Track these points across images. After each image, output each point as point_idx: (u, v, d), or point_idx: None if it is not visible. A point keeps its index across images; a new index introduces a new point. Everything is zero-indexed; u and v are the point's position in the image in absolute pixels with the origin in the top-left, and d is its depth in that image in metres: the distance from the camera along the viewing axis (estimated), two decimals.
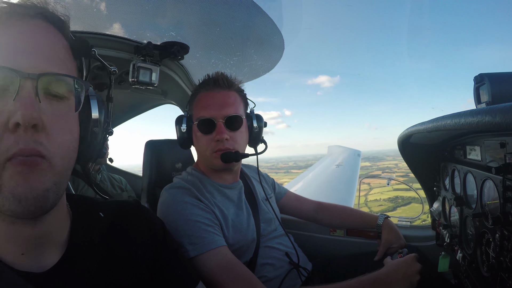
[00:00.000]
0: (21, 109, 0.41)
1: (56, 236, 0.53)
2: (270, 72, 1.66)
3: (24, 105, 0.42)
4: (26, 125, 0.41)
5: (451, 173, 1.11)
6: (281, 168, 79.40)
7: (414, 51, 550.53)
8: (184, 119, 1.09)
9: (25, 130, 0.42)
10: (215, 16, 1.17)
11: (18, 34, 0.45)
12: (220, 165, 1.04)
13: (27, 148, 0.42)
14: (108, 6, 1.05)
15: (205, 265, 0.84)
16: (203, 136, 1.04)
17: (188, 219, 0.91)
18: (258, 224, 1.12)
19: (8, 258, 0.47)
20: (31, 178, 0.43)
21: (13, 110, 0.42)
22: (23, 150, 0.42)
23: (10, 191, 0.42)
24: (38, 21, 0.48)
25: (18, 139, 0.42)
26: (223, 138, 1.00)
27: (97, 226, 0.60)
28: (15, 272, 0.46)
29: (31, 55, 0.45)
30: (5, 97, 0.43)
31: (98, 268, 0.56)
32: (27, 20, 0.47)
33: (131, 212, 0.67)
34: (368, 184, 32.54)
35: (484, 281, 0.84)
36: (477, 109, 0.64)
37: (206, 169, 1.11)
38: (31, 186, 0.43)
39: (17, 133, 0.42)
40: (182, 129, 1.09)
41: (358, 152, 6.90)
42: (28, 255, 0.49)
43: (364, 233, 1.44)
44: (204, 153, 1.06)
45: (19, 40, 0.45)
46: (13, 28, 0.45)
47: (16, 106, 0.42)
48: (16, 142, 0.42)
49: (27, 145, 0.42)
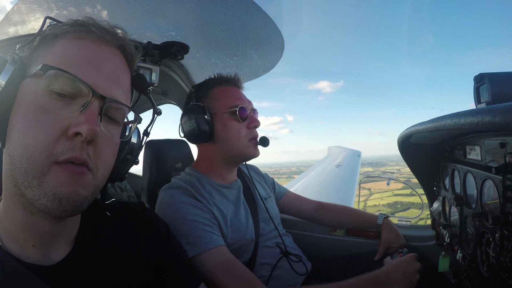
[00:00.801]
0: (87, 124, 0.45)
1: (68, 233, 0.55)
2: (270, 77, 1.66)
3: (90, 121, 0.46)
4: (88, 138, 0.46)
5: (451, 173, 1.11)
6: (284, 174, 79.45)
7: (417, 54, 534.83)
8: (205, 110, 1.05)
9: (82, 142, 0.46)
10: (215, 16, 1.17)
11: (102, 55, 0.51)
12: (255, 152, 1.09)
13: (80, 157, 0.46)
14: (108, 6, 1.05)
15: (204, 265, 0.84)
16: (238, 124, 1.06)
17: (186, 219, 0.91)
18: (257, 224, 1.12)
19: (16, 250, 0.49)
20: (77, 184, 0.46)
21: (77, 121, 0.46)
22: (76, 158, 0.46)
23: (53, 190, 0.45)
24: (117, 51, 0.54)
25: (74, 147, 0.46)
26: (259, 124, 1.09)
27: (104, 225, 0.62)
28: (22, 264, 0.48)
29: (105, 79, 0.50)
30: (71, 106, 0.47)
31: (104, 265, 0.57)
32: (110, 47, 0.53)
33: (136, 214, 0.69)
34: (369, 189, 32.51)
35: (484, 281, 0.84)
36: (477, 109, 0.64)
37: (207, 168, 1.11)
38: (75, 190, 0.46)
39: (73, 141, 0.46)
40: (202, 120, 1.04)
41: (358, 153, 6.91)
42: (38, 248, 0.50)
43: (364, 233, 1.44)
44: (238, 141, 1.06)
45: (101, 61, 0.51)
46: (99, 48, 0.51)
47: (81, 118, 0.46)
48: (71, 149, 0.45)
49: (81, 154, 0.46)
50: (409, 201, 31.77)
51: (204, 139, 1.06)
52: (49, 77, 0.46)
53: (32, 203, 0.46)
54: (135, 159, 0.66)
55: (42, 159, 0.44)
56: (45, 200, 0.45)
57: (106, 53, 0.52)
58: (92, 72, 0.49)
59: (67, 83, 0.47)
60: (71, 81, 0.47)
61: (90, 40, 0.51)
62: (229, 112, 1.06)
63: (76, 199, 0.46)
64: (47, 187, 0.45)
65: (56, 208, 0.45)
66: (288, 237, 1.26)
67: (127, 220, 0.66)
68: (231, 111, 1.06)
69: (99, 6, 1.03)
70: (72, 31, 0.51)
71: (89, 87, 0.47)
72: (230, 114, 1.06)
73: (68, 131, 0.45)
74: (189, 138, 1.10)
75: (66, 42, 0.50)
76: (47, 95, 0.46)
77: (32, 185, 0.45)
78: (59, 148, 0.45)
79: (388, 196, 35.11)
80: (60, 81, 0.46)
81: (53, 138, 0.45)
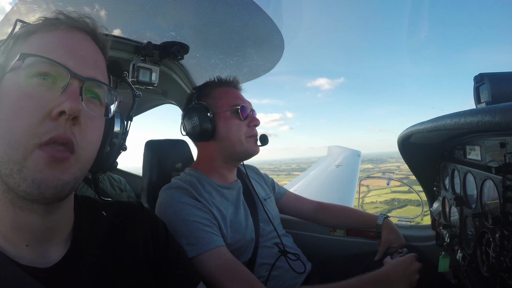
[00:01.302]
0: (69, 101, 0.47)
1: (61, 231, 0.55)
2: (269, 75, 1.67)
3: (71, 98, 0.47)
4: (71, 114, 0.46)
5: (451, 173, 1.11)
6: (284, 170, 79.43)
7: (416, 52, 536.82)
8: (208, 108, 1.08)
9: (66, 120, 0.47)
10: (215, 16, 1.17)
11: (75, 41, 0.53)
12: (255, 149, 1.12)
13: (64, 134, 0.47)
14: (108, 6, 1.05)
15: (204, 265, 0.84)
16: (239, 122, 1.09)
17: (186, 220, 0.91)
18: (257, 224, 1.12)
19: (12, 251, 0.49)
20: (57, 168, 0.46)
21: (59, 101, 0.47)
22: (60, 136, 0.46)
23: (32, 175, 0.45)
24: (88, 37, 0.56)
25: (58, 126, 0.46)
26: (259, 123, 1.13)
27: (100, 224, 0.61)
28: (19, 267, 0.47)
29: (81, 60, 0.52)
30: (53, 89, 0.48)
31: (101, 266, 0.57)
32: (82, 33, 0.55)
33: (134, 213, 0.69)
34: (367, 186, 32.48)
35: (484, 281, 0.84)
36: (477, 109, 0.64)
37: (208, 168, 1.12)
38: (54, 175, 0.46)
39: (57, 121, 0.47)
40: (205, 118, 1.06)
41: (358, 153, 6.91)
42: (32, 248, 0.50)
43: (364, 233, 1.44)
44: (239, 138, 1.09)
45: (75, 46, 0.52)
46: (71, 35, 0.53)
47: (63, 98, 0.47)
48: (55, 128, 0.46)
49: (65, 131, 0.47)
50: (407, 198, 31.74)
51: (206, 136, 1.09)
52: (28, 65, 0.47)
53: (15, 192, 0.47)
54: (122, 144, 0.65)
55: (25, 141, 0.45)
56: (25, 186, 0.45)
57: (78, 39, 0.54)
58: (68, 55, 0.50)
59: (46, 67, 0.48)
60: (49, 64, 0.48)
61: (62, 29, 0.53)
62: (230, 110, 1.09)
63: (56, 184, 0.46)
64: (27, 171, 0.45)
65: (36, 194, 0.45)
66: (288, 237, 1.26)
67: (125, 220, 0.66)
68: (232, 109, 1.09)
69: (99, 6, 1.03)
70: (44, 25, 0.53)
71: (66, 69, 0.48)
72: (231, 113, 1.09)
73: (52, 112, 0.46)
74: (191, 136, 1.14)
75: (40, 35, 0.52)
76: (29, 82, 0.47)
77: (13, 171, 0.45)
78: (42, 129, 0.46)
79: (386, 193, 34.97)
80: (39, 67, 0.48)
81: (37, 120, 0.46)
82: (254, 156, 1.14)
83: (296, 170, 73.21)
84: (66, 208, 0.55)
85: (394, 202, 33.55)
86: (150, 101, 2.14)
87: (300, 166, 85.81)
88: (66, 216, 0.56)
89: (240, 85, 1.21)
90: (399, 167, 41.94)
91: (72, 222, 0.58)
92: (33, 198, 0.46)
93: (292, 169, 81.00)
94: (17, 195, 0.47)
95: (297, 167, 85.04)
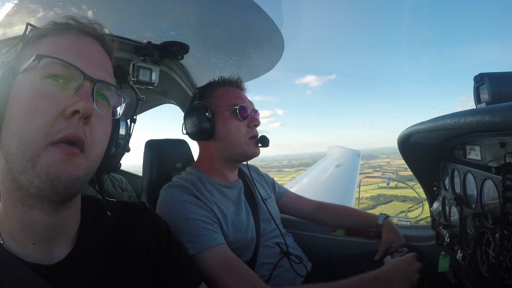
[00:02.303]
0: (83, 101, 0.49)
1: (68, 230, 0.56)
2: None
3: (85, 98, 0.49)
4: (84, 113, 0.48)
5: (451, 173, 1.11)
6: (274, 167, 79.26)
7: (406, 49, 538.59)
8: (206, 108, 1.08)
9: (79, 119, 0.48)
10: (215, 16, 1.17)
11: (86, 45, 0.56)
12: (255, 151, 1.12)
13: (76, 133, 0.48)
14: (108, 6, 1.05)
15: (205, 263, 0.84)
16: (238, 123, 1.09)
17: (187, 218, 0.91)
18: (258, 224, 1.12)
19: (17, 249, 0.50)
20: (69, 164, 0.48)
21: (73, 101, 0.49)
22: (73, 135, 0.48)
23: (45, 170, 0.46)
24: (97, 42, 0.59)
25: (71, 125, 0.48)
26: (259, 123, 1.12)
27: (105, 224, 0.63)
28: (24, 264, 0.48)
29: (92, 63, 0.54)
30: (66, 90, 0.50)
31: (105, 265, 0.58)
32: (91, 38, 0.58)
33: (137, 213, 0.70)
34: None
35: (484, 281, 0.84)
36: (477, 109, 0.64)
37: (209, 168, 1.12)
38: (67, 170, 0.48)
39: (70, 120, 0.48)
40: (203, 118, 1.07)
41: (358, 152, 6.92)
42: (38, 246, 0.51)
43: (364, 232, 1.44)
44: (238, 139, 1.08)
45: (85, 49, 0.55)
46: (81, 39, 0.56)
47: (76, 98, 0.49)
48: (68, 127, 0.48)
49: (77, 130, 0.48)
50: (392, 193, 31.62)
51: (205, 136, 1.09)
52: (43, 66, 0.49)
53: (27, 191, 0.47)
54: (125, 145, 0.67)
55: (38, 140, 0.46)
56: (38, 182, 0.46)
57: (88, 43, 0.56)
58: (80, 58, 0.52)
59: (60, 69, 0.50)
60: (63, 66, 0.50)
61: (72, 34, 0.55)
62: (229, 110, 1.09)
63: (69, 179, 0.48)
64: (40, 167, 0.46)
65: (49, 190, 0.46)
66: (289, 236, 1.26)
67: (128, 219, 0.67)
68: (231, 109, 1.09)
69: (99, 6, 1.03)
70: (55, 29, 0.55)
71: (80, 71, 0.50)
72: (230, 113, 1.09)
73: (65, 111, 0.48)
74: (191, 135, 1.14)
75: (51, 39, 0.54)
76: (44, 82, 0.49)
77: (26, 168, 0.46)
78: (55, 128, 0.47)
79: (372, 189, 34.84)
80: (53, 68, 0.50)
81: (51, 120, 0.47)
82: (255, 157, 1.14)
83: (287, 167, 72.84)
84: (74, 208, 0.56)
85: (380, 198, 33.48)
86: (150, 100, 2.14)
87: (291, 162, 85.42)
88: (73, 215, 0.57)
89: (243, 85, 1.21)
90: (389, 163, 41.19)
91: (78, 222, 0.59)
92: (45, 194, 0.47)
93: (283, 165, 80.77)
94: (28, 193, 0.48)
95: (288, 163, 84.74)
